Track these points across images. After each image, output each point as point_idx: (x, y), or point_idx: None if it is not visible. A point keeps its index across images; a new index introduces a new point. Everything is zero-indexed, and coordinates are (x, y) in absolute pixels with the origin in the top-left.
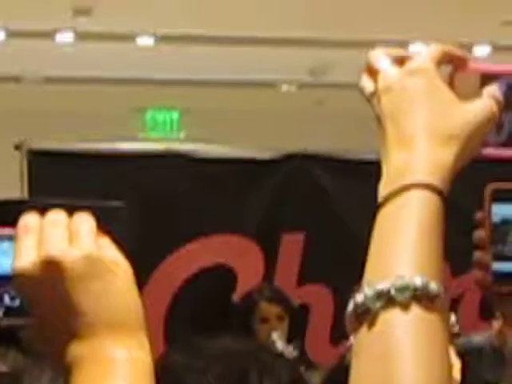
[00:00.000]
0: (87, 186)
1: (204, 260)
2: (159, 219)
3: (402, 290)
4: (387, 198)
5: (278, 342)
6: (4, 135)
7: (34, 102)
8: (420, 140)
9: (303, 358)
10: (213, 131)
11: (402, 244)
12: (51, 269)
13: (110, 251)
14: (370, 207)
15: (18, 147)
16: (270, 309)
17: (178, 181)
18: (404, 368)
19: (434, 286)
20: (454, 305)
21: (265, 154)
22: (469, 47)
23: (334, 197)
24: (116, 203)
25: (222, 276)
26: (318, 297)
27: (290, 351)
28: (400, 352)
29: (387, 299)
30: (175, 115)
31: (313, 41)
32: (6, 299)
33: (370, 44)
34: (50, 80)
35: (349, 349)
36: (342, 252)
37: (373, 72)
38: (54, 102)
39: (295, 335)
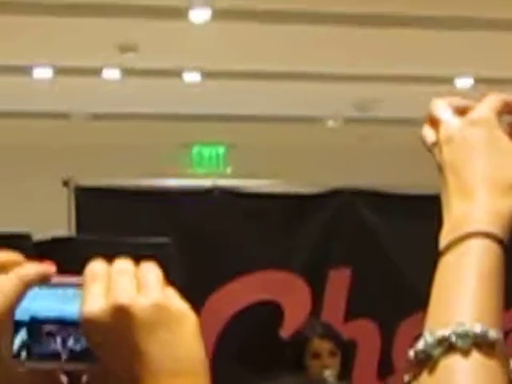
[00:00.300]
0: (134, 222)
1: (251, 296)
2: (206, 255)
3: (462, 336)
4: (448, 247)
5: (331, 379)
6: (52, 172)
7: (82, 139)
8: (480, 190)
9: None
10: (258, 166)
11: (463, 292)
12: (120, 316)
13: (176, 300)
14: (416, 243)
15: (65, 183)
16: (322, 344)
17: (225, 216)
18: None
19: (493, 334)
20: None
21: (311, 190)
22: None
23: (381, 232)
24: (162, 239)
25: (269, 312)
26: (365, 332)
27: None
28: None
29: (448, 346)
30: (221, 150)
31: (359, 76)
32: (70, 342)
33: (416, 79)
34: (97, 116)
35: None
36: (387, 287)
37: (434, 122)
38: (100, 138)
39: (346, 371)
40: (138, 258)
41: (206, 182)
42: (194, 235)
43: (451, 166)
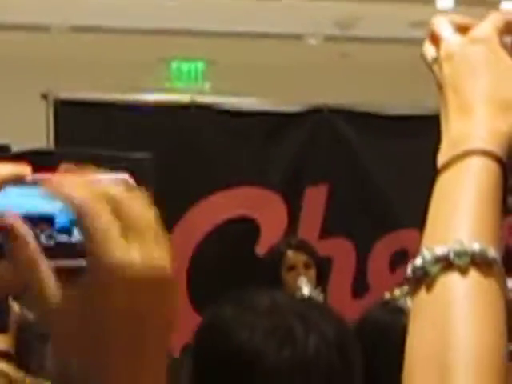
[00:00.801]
0: (112, 135)
1: (227, 211)
2: (183, 170)
3: (460, 254)
4: (447, 164)
5: (305, 287)
6: (31, 85)
7: (61, 52)
8: (480, 108)
9: None
10: (238, 83)
11: (461, 209)
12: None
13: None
14: (393, 161)
15: (44, 96)
16: (296, 257)
17: (203, 133)
18: (460, 333)
19: (491, 252)
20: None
21: (290, 107)
22: None
23: (358, 151)
24: (142, 154)
25: (246, 228)
26: (340, 250)
27: (316, 295)
28: (457, 315)
29: (446, 263)
30: (200, 66)
31: None
32: (42, 238)
33: None
34: (76, 29)
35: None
36: (364, 206)
37: (435, 39)
38: (80, 51)
39: (322, 285)
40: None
41: (185, 98)
42: (171, 150)
43: (451, 83)
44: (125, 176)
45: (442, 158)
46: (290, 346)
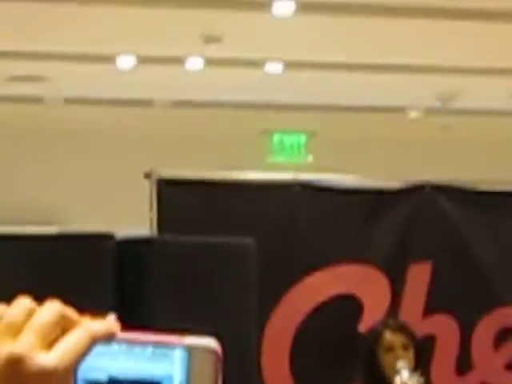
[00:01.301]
0: (217, 215)
1: (330, 290)
2: (288, 249)
3: None
4: None
5: (404, 370)
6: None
7: (164, 126)
8: None
9: None
10: (339, 156)
11: None
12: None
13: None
14: (496, 238)
15: (147, 175)
16: (394, 338)
17: (306, 210)
18: None
19: None
20: None
21: (392, 184)
22: None
23: (462, 228)
24: (244, 240)
25: (348, 306)
26: (444, 327)
27: (415, 379)
28: None
29: None
30: (302, 139)
31: (441, 67)
32: None
33: (498, 72)
34: (178, 104)
35: None
36: (467, 283)
37: None
38: (182, 126)
39: (421, 366)
40: (219, 259)
41: (287, 176)
42: (275, 229)
43: None
44: (211, 342)
45: None
46: None
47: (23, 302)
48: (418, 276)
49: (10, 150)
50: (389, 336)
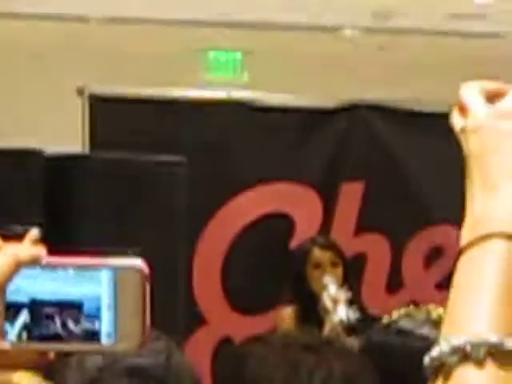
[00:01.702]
0: (147, 133)
1: (262, 208)
2: (220, 166)
3: (477, 346)
4: (469, 245)
5: (331, 285)
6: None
7: (99, 43)
8: (504, 185)
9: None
10: (274, 75)
11: (480, 298)
12: None
13: None
14: (430, 160)
15: (80, 91)
16: (322, 255)
17: (239, 128)
18: None
19: (510, 343)
20: None
21: (326, 103)
22: None
23: (395, 147)
24: (176, 158)
25: (281, 224)
26: (375, 246)
27: (342, 294)
28: None
29: (462, 355)
30: (238, 56)
31: None
32: (70, 324)
33: None
34: (113, 20)
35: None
36: (399, 202)
37: (463, 109)
38: (116, 42)
39: (349, 284)
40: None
41: (221, 94)
42: (207, 146)
43: (476, 157)
44: (136, 261)
45: (464, 235)
46: (296, 380)
47: None
48: (350, 195)
49: None
50: (317, 253)
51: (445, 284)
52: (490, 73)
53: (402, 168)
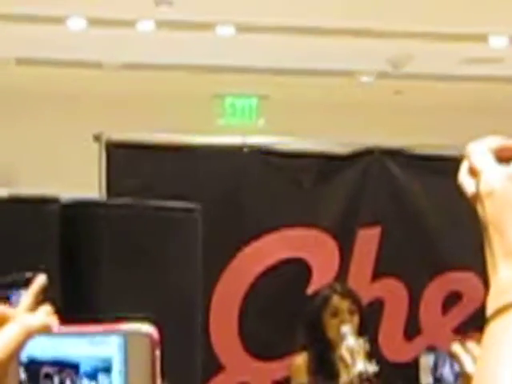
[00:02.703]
0: (165, 178)
1: (279, 254)
2: (235, 212)
3: None
4: (495, 314)
5: (349, 336)
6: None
7: (113, 88)
8: None
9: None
10: (289, 120)
11: (503, 371)
12: None
13: None
14: (446, 203)
15: (96, 138)
16: (341, 303)
17: (256, 174)
18: None
19: None
20: None
21: (342, 149)
22: None
23: (411, 192)
24: (189, 205)
25: (297, 270)
26: (393, 291)
27: (360, 344)
28: None
29: None
30: (254, 102)
31: (393, 32)
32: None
33: (449, 37)
34: (129, 66)
35: None
36: (416, 248)
37: (474, 171)
38: (134, 88)
39: (365, 331)
40: (165, 222)
41: (236, 140)
42: (223, 193)
43: (494, 223)
44: (145, 327)
45: (490, 305)
46: None
47: None
48: (367, 240)
49: None
50: (336, 300)
51: (462, 329)
52: (507, 117)
53: (419, 213)
